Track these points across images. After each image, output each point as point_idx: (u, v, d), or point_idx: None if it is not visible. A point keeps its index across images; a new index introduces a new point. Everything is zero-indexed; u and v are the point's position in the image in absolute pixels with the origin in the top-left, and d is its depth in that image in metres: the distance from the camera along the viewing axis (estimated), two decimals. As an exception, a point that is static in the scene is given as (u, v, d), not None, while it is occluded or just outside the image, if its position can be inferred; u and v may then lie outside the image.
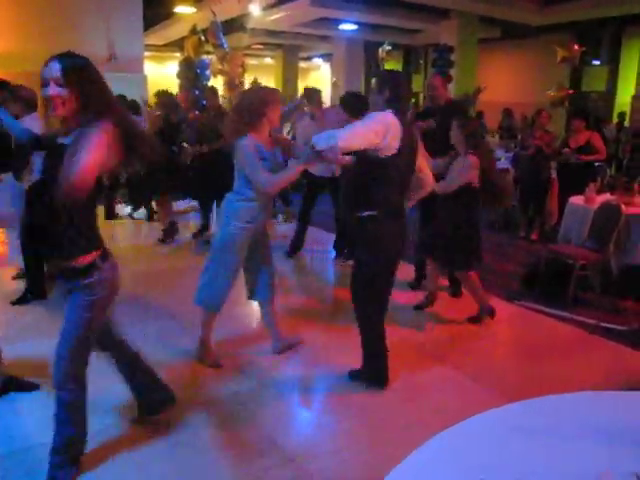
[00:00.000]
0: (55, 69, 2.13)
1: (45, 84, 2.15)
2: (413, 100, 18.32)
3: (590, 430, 1.73)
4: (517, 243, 7.06)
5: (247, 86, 17.22)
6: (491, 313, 4.45)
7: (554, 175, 7.20)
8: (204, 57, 10.04)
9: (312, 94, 5.83)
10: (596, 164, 8.32)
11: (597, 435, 1.69)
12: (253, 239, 3.47)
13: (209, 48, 10.05)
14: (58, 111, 2.18)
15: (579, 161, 6.74)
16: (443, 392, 3.39)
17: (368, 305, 3.32)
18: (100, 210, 7.60)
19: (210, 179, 6.42)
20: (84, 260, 2.31)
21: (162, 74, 20.03)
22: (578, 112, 7.24)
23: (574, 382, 3.50)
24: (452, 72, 13.59)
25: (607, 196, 5.85)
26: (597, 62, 17.69)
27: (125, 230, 7.56)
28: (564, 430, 1.73)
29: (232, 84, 15.98)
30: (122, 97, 7.02)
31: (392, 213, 3.17)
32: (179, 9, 12.66)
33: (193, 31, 9.66)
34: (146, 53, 21.11)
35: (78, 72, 2.17)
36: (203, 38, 9.67)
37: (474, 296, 4.47)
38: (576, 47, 12.10)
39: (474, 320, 4.45)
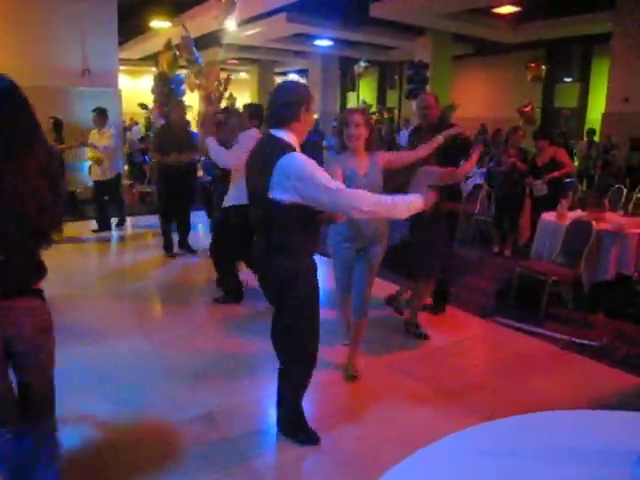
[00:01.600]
0: None
1: None
2: (388, 115, 18.51)
3: (560, 451, 1.72)
4: (490, 259, 7.10)
5: (223, 100, 17.32)
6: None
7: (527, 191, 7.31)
8: (179, 72, 10.00)
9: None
10: (567, 180, 8.46)
11: (566, 456, 1.69)
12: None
13: (184, 63, 10.02)
14: None
15: (550, 180, 6.86)
16: (414, 411, 3.36)
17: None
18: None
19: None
20: None
21: (137, 88, 19.95)
22: (540, 132, 7.36)
23: (545, 399, 3.52)
24: (427, 88, 13.78)
25: (578, 212, 5.94)
26: (569, 79, 18.08)
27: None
28: (532, 452, 1.72)
29: (209, 98, 16.00)
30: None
31: None
32: (155, 23, 12.63)
33: (167, 46, 9.62)
34: (121, 67, 21.02)
35: None
36: (178, 53, 9.64)
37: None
38: (533, 65, 12.45)
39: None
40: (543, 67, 12.58)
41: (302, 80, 22.64)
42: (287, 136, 2.64)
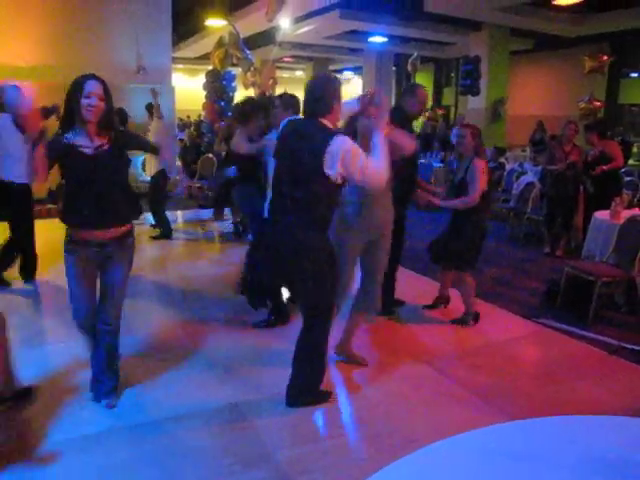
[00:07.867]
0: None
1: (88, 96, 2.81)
2: (442, 113, 18.22)
3: (584, 458, 1.60)
4: (541, 259, 6.84)
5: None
6: (476, 318, 4.55)
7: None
8: (230, 69, 10.10)
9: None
10: (627, 179, 8.10)
11: (592, 465, 1.56)
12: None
13: (236, 61, 10.13)
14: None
15: (598, 174, 6.64)
16: (442, 409, 3.25)
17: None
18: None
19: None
20: None
21: (191, 86, 20.35)
22: (590, 126, 7.09)
23: (587, 405, 3.33)
24: (482, 84, 13.46)
25: (635, 211, 5.64)
26: (635, 74, 17.31)
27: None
28: (552, 456, 1.61)
29: (263, 95, 16.14)
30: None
31: None
32: (209, 22, 12.83)
33: (219, 44, 9.73)
34: (179, 66, 21.54)
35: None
36: (229, 51, 9.74)
37: (466, 298, 4.52)
38: (604, 57, 11.84)
39: (459, 322, 4.53)
40: (605, 58, 11.99)
41: (357, 77, 22.60)
42: (327, 124, 2.91)
